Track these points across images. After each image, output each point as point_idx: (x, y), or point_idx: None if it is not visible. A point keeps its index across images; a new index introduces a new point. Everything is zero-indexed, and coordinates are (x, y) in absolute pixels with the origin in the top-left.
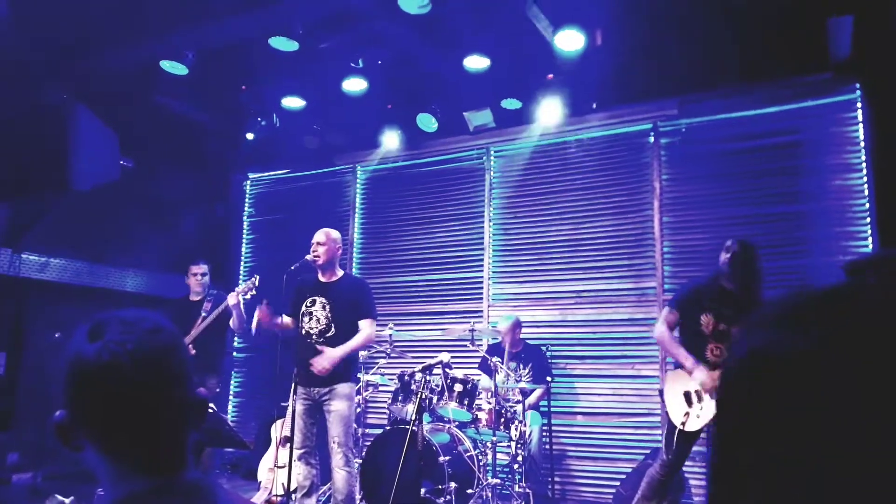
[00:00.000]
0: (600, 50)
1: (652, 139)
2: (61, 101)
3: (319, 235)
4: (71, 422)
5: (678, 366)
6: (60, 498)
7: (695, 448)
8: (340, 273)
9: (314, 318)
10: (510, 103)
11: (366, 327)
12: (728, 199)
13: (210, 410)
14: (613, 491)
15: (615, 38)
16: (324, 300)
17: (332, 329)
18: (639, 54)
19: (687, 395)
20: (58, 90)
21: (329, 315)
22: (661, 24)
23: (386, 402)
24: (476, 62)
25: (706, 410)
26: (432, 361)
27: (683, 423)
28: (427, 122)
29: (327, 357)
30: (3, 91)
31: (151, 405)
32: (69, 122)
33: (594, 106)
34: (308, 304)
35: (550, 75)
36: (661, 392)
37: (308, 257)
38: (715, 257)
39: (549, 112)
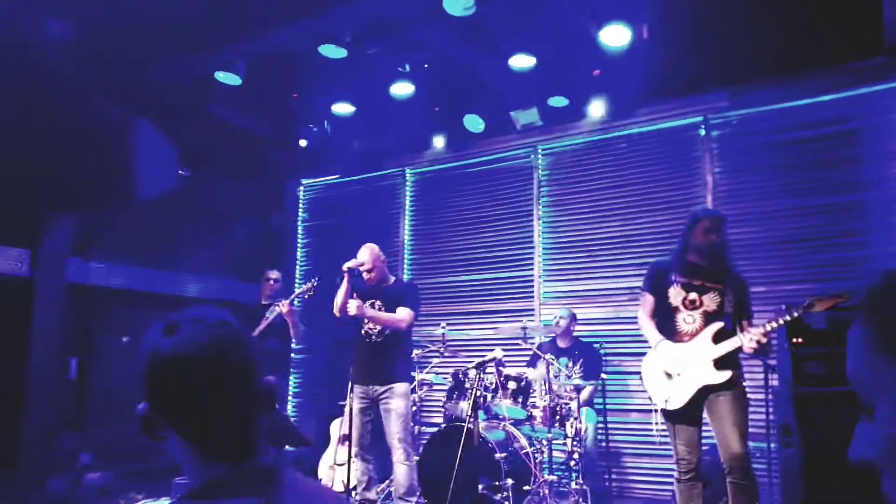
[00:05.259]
0: (647, 44)
1: (703, 132)
2: (124, 114)
3: (364, 255)
4: (153, 414)
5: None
6: (134, 495)
7: (752, 444)
8: (392, 279)
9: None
10: (557, 101)
11: (402, 312)
12: (783, 190)
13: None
14: (671, 489)
15: (662, 30)
16: (379, 303)
17: (388, 329)
18: (687, 46)
19: (665, 373)
20: (120, 105)
21: None
22: (709, 14)
23: (440, 400)
24: (521, 61)
25: (685, 383)
26: (486, 358)
27: (666, 402)
28: (474, 123)
29: (361, 306)
30: (69, 107)
31: (225, 393)
32: (131, 134)
33: (642, 101)
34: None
35: (597, 71)
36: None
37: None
38: (770, 250)
39: (597, 108)
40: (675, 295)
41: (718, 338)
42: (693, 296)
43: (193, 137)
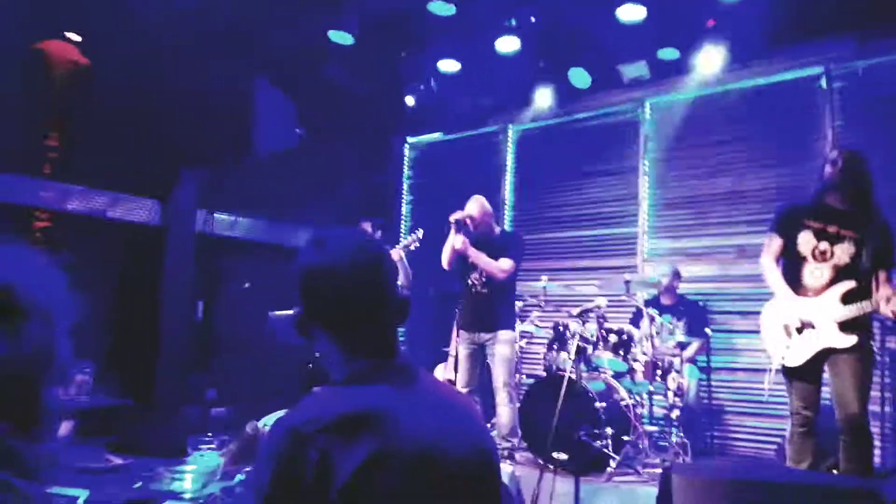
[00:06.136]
0: None
1: (824, 84)
2: (245, 73)
3: (474, 207)
4: (305, 316)
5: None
6: (255, 423)
7: (873, 408)
8: (497, 230)
9: (477, 271)
10: (667, 53)
11: (503, 261)
12: None
13: None
14: (775, 447)
15: None
16: (484, 253)
17: (492, 280)
18: None
19: (786, 328)
20: (241, 64)
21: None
22: None
23: (540, 352)
24: (630, 12)
25: (806, 342)
26: (589, 305)
27: (784, 358)
28: (580, 78)
29: (466, 241)
30: (196, 70)
31: (366, 299)
32: (252, 94)
33: (757, 52)
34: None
35: (711, 21)
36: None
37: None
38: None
39: (709, 60)
40: (805, 242)
41: (848, 297)
42: (824, 245)
43: (308, 99)
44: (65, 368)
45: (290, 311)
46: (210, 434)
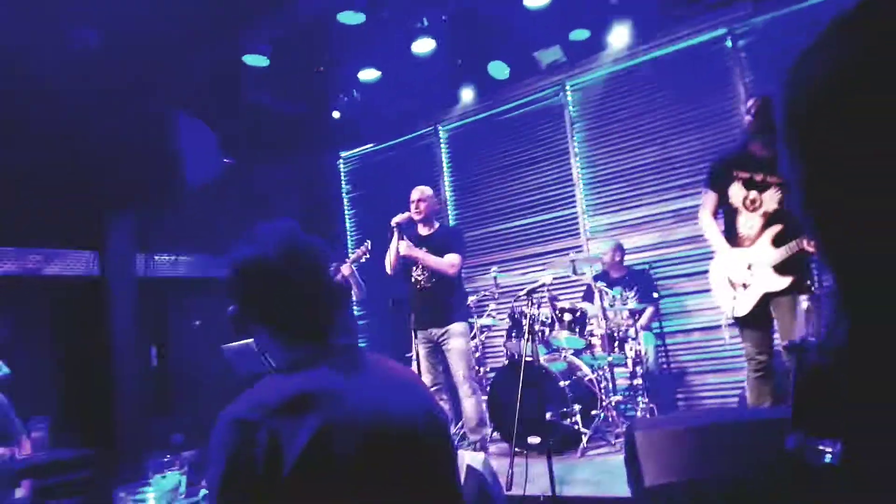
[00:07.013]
0: None
1: (729, 43)
2: (162, 109)
3: (416, 193)
4: (241, 312)
5: None
6: None
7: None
8: (437, 225)
9: (419, 268)
10: (578, 34)
11: (450, 257)
12: None
13: None
14: (737, 399)
15: None
16: (426, 250)
17: (435, 276)
18: None
19: (730, 281)
20: (157, 100)
21: None
22: None
23: (501, 342)
24: None
25: (749, 290)
26: (535, 284)
27: (733, 309)
28: (499, 70)
29: (410, 245)
30: (108, 111)
31: (300, 286)
32: (173, 127)
33: (663, 22)
34: None
35: None
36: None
37: (412, 214)
38: None
39: (619, 36)
40: (736, 193)
41: (778, 240)
42: (753, 195)
43: (231, 126)
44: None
45: (244, 342)
46: (169, 455)
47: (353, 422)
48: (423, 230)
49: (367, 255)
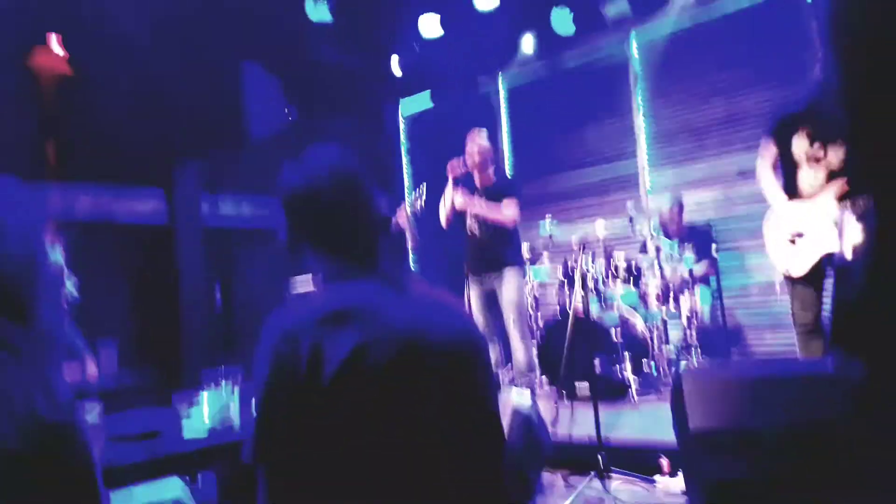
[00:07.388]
0: None
1: None
2: (232, 60)
3: (471, 144)
4: (291, 236)
5: None
6: None
7: None
8: (493, 175)
9: (474, 218)
10: None
11: (508, 208)
12: None
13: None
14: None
15: None
16: (482, 200)
17: (491, 226)
18: None
19: (787, 237)
20: (227, 51)
21: None
22: None
23: (555, 291)
24: None
25: (808, 248)
26: (589, 236)
27: (788, 268)
28: (564, 24)
29: (468, 202)
30: (182, 61)
31: (346, 211)
32: (241, 78)
33: None
34: None
35: None
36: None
37: (467, 163)
38: None
39: None
40: (798, 145)
41: (843, 198)
42: (817, 146)
43: (295, 78)
44: (56, 270)
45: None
46: (223, 366)
47: (391, 337)
48: (479, 180)
49: (423, 198)
